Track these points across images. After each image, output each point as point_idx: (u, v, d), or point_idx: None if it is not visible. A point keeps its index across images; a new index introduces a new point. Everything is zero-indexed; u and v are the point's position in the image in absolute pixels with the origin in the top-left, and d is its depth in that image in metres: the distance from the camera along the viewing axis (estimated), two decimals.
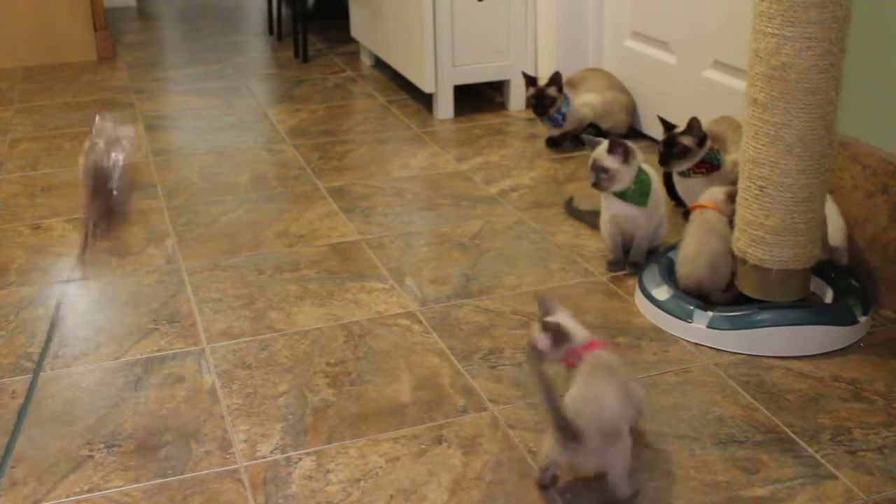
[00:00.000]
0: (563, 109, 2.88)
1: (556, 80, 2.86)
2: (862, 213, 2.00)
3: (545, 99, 2.86)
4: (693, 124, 2.21)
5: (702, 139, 2.22)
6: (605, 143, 2.06)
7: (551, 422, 1.37)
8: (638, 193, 2.08)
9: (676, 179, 2.31)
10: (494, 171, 2.79)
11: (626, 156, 2.04)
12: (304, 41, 4.10)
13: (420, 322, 1.96)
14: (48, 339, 1.53)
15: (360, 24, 3.92)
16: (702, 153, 2.22)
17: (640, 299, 2.00)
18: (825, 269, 1.96)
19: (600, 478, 1.43)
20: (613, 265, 2.16)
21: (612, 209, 2.13)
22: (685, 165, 2.23)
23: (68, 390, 1.76)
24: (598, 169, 2.05)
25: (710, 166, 2.24)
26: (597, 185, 2.07)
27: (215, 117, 3.37)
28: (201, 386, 1.76)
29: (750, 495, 1.45)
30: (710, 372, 1.77)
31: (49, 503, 1.47)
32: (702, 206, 1.99)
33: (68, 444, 1.60)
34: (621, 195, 2.08)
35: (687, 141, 2.21)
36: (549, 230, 2.39)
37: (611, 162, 2.04)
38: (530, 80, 2.90)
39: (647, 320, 1.95)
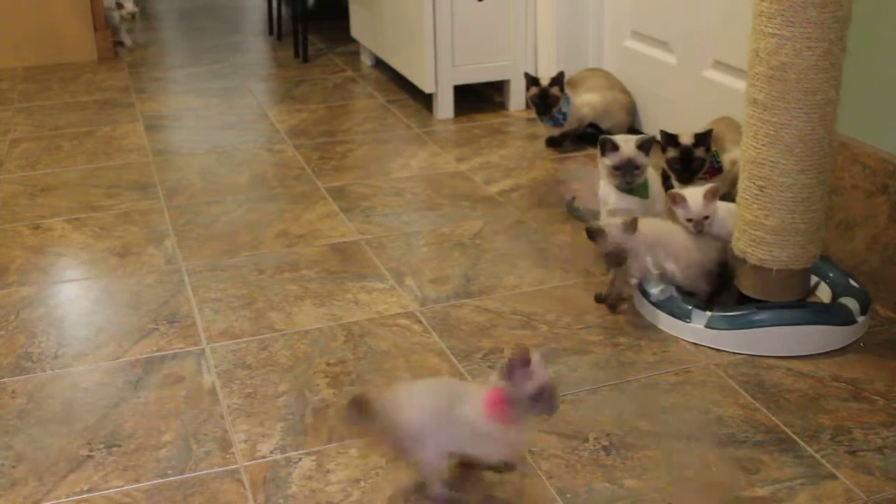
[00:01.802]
0: (564, 109, 2.89)
1: (559, 80, 2.86)
2: (862, 213, 2.00)
3: (549, 98, 2.86)
4: (705, 135, 2.23)
5: (708, 148, 2.25)
6: (629, 143, 2.08)
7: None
8: (642, 186, 2.11)
9: (677, 183, 2.32)
10: (494, 171, 2.79)
11: (649, 150, 2.10)
12: (304, 41, 4.10)
13: (420, 322, 1.96)
14: None
15: (360, 24, 3.92)
16: (709, 160, 2.25)
17: (638, 299, 2.00)
18: (824, 268, 1.96)
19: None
20: None
21: (611, 204, 2.14)
22: (697, 176, 2.25)
23: (68, 390, 1.76)
24: (634, 167, 2.08)
25: (712, 170, 2.26)
26: (631, 183, 2.11)
27: (215, 117, 3.37)
28: (201, 386, 1.76)
29: (750, 495, 1.45)
30: (710, 372, 1.77)
31: (49, 503, 1.47)
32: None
33: (68, 444, 1.60)
34: (629, 189, 2.11)
35: (702, 153, 2.23)
36: (549, 230, 2.39)
37: (642, 158, 2.09)
38: (532, 81, 2.90)
39: (646, 320, 1.95)
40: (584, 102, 2.93)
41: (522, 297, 2.06)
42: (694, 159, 2.29)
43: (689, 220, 1.94)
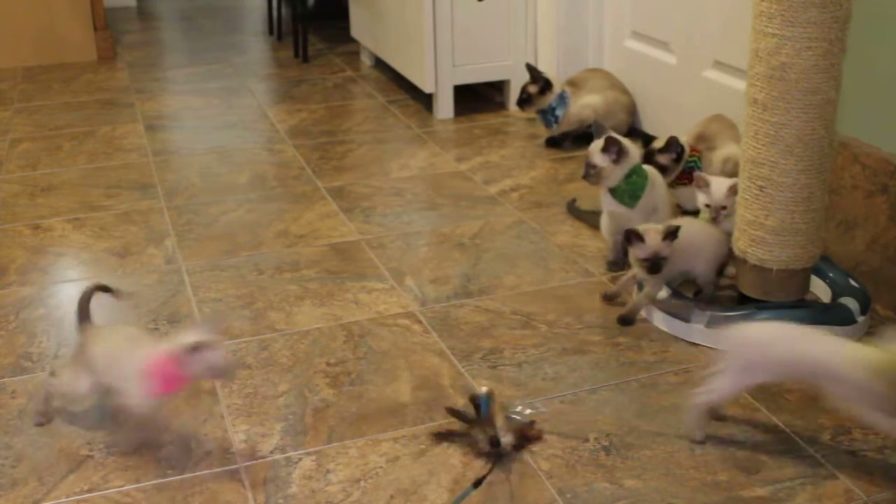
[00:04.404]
0: (557, 112, 2.89)
1: (536, 78, 2.87)
2: (862, 213, 2.00)
3: (522, 93, 2.90)
4: (671, 142, 2.24)
5: (679, 155, 2.25)
6: (602, 139, 2.07)
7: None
8: (626, 194, 2.09)
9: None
10: (494, 171, 2.79)
11: (619, 155, 2.06)
12: (304, 41, 4.10)
13: (420, 322, 1.96)
14: None
15: (360, 24, 3.92)
16: (679, 168, 2.26)
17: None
18: (824, 268, 1.96)
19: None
20: (613, 265, 2.16)
21: (606, 206, 2.14)
22: (666, 180, 2.24)
23: None
24: (588, 164, 2.08)
25: (690, 177, 2.26)
26: (585, 177, 2.11)
27: (215, 117, 3.37)
28: (201, 386, 1.76)
29: (750, 495, 1.45)
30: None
31: (49, 503, 1.47)
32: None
33: (68, 444, 1.60)
34: (612, 192, 2.10)
35: (664, 159, 2.25)
36: (549, 230, 2.39)
37: (600, 159, 2.06)
38: (535, 74, 2.89)
39: (646, 320, 1.95)
40: (585, 104, 2.93)
41: (522, 297, 2.06)
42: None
43: (708, 206, 2.01)
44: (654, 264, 1.87)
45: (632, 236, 1.87)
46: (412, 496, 1.46)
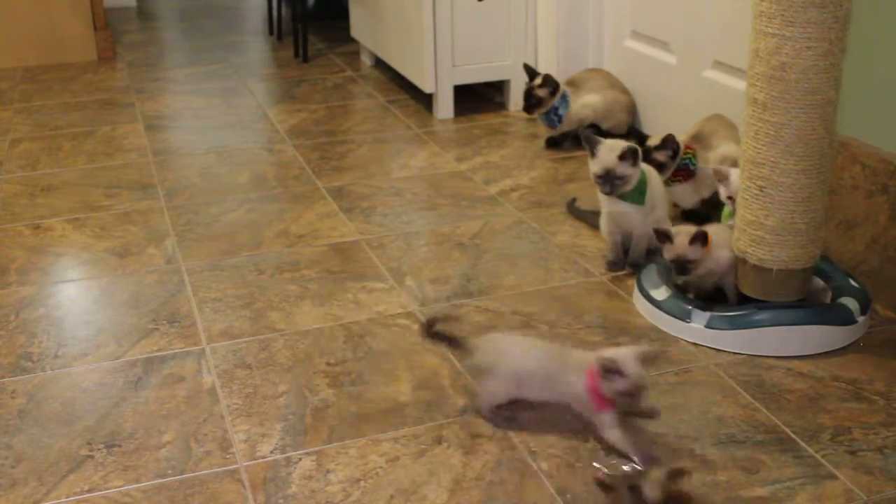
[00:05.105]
0: (560, 111, 2.89)
1: (547, 81, 2.87)
2: (862, 213, 2.00)
3: (531, 97, 2.88)
4: (667, 139, 2.24)
5: (675, 152, 2.25)
6: (612, 151, 2.05)
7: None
8: (636, 192, 2.08)
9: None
10: (494, 171, 2.79)
11: (635, 159, 2.06)
12: (304, 41, 4.10)
13: (420, 322, 1.96)
14: None
15: (360, 24, 3.92)
16: (674, 165, 2.26)
17: (638, 299, 2.00)
18: (824, 268, 1.96)
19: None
20: (613, 265, 2.16)
21: (607, 206, 2.14)
22: (662, 178, 2.24)
23: (68, 390, 1.76)
24: (614, 177, 2.05)
25: (685, 173, 2.27)
26: (612, 192, 2.08)
27: (215, 117, 3.37)
28: (201, 386, 1.76)
29: (750, 495, 1.45)
30: (710, 372, 1.77)
31: (49, 503, 1.47)
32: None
33: (68, 444, 1.60)
34: (621, 194, 2.10)
35: (661, 156, 2.25)
36: (549, 230, 2.39)
37: (625, 169, 2.05)
38: (532, 73, 2.90)
39: (646, 320, 1.95)
40: (585, 104, 2.93)
41: (522, 297, 2.06)
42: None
43: (730, 199, 2.02)
44: (679, 266, 1.90)
45: (662, 237, 1.91)
46: (412, 496, 1.46)
